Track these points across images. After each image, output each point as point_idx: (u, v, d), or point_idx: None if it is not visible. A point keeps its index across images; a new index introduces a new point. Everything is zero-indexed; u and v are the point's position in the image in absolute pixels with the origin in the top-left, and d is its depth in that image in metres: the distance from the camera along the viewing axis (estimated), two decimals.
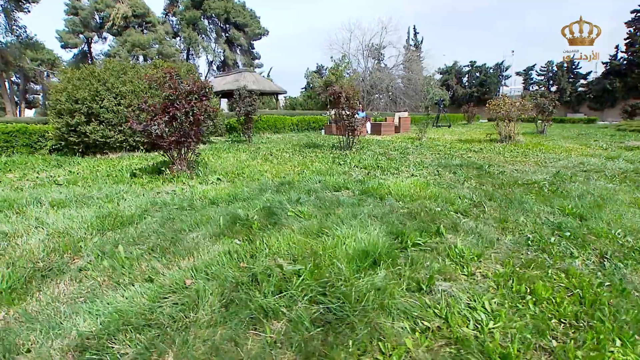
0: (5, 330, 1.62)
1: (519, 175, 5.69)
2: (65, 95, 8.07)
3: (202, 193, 4.19)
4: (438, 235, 2.92)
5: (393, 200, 3.85)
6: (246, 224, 3.01)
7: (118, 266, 2.25)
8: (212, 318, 1.68)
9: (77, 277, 2.16)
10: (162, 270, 2.20)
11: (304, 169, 5.94)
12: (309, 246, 2.50)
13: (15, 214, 3.47)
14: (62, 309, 1.81)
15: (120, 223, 3.11)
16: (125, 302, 1.80)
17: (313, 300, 1.83)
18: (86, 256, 2.45)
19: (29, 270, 2.17)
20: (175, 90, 5.01)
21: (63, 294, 1.97)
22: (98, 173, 5.97)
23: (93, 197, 4.10)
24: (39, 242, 2.65)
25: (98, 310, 1.74)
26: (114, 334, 1.54)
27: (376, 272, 2.15)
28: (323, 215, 3.33)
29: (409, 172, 5.72)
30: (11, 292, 1.95)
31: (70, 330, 1.61)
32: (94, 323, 1.65)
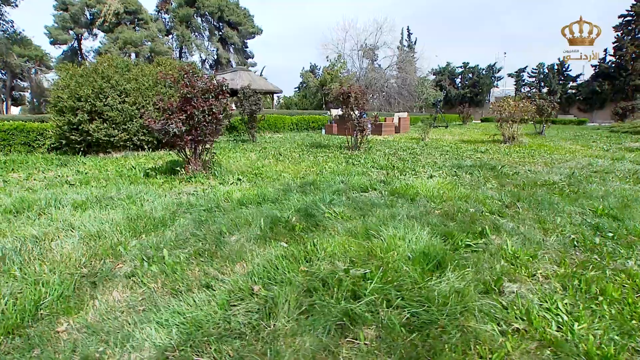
0: (74, 342, 1.50)
1: (534, 176, 5.72)
2: (68, 92, 7.81)
3: (226, 194, 4.07)
4: (483, 236, 2.88)
5: (425, 201, 3.81)
6: (287, 226, 2.92)
7: (168, 272, 2.14)
8: (293, 326, 1.59)
9: (127, 283, 2.05)
10: (218, 276, 2.10)
11: (320, 170, 5.86)
12: (364, 248, 2.43)
13: (38, 216, 3.30)
14: (124, 319, 1.70)
15: (152, 225, 2.99)
16: (193, 310, 1.70)
17: (393, 304, 1.76)
18: (129, 261, 2.33)
19: (76, 277, 2.04)
20: (193, 88, 4.87)
21: (119, 301, 1.86)
22: (108, 173, 5.78)
23: (113, 198, 3.95)
24: (75, 246, 2.51)
25: (167, 320, 1.64)
26: (197, 346, 1.45)
27: (444, 274, 2.09)
28: (360, 216, 3.27)
29: (426, 173, 5.69)
30: (64, 301, 1.83)
31: (144, 342, 1.50)
32: (168, 334, 1.54)
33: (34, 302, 1.76)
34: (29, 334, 1.57)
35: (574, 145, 10.54)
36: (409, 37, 44.50)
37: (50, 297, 1.82)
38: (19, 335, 1.56)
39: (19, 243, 2.57)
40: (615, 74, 32.19)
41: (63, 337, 1.55)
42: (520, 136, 10.35)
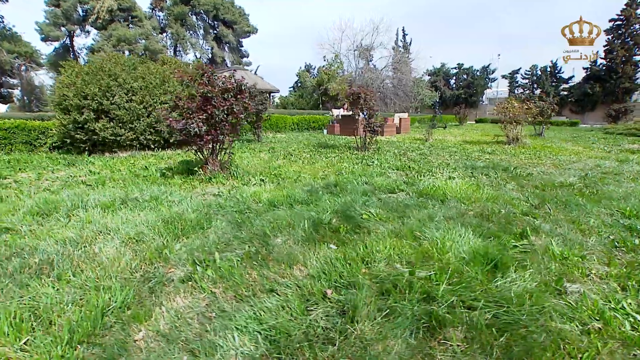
0: (156, 351, 1.45)
1: (548, 177, 5.77)
2: (74, 90, 7.63)
3: (253, 195, 4.01)
4: (524, 237, 2.89)
5: (455, 203, 3.82)
6: (329, 228, 2.89)
7: (226, 276, 2.09)
8: (379, 329, 1.57)
9: (186, 288, 1.99)
10: (278, 279, 2.06)
11: (337, 170, 5.83)
12: (417, 250, 2.42)
13: (67, 218, 3.21)
14: (198, 326, 1.65)
15: (190, 228, 2.92)
16: (272, 316, 1.66)
17: (468, 305, 1.75)
18: (180, 265, 2.27)
19: (134, 283, 1.98)
20: (214, 88, 4.79)
21: (185, 307, 1.80)
22: (121, 173, 5.66)
23: (138, 199, 3.86)
24: (119, 249, 2.44)
25: (246, 327, 1.59)
26: (291, 354, 1.41)
27: (506, 274, 2.09)
28: (397, 217, 3.25)
29: (443, 174, 5.71)
30: (129, 307, 1.77)
31: (229, 350, 1.45)
32: (254, 341, 1.50)
33: (99, 309, 1.70)
34: (104, 343, 1.51)
35: (575, 146, 10.70)
36: (404, 38, 44.75)
37: (115, 304, 1.76)
38: (95, 344, 1.50)
39: (59, 247, 2.49)
40: (606, 76, 32.86)
41: (141, 346, 1.50)
42: (524, 137, 10.47)
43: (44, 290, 1.87)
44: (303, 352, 1.41)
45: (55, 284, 1.95)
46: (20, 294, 1.86)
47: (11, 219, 3.07)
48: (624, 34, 31.94)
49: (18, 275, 2.08)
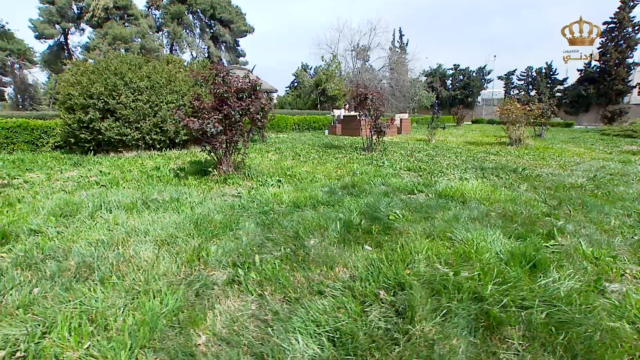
0: (222, 357, 1.44)
1: (557, 178, 5.84)
2: (79, 89, 7.53)
3: (274, 196, 4.00)
4: (550, 237, 2.93)
5: (475, 204, 3.84)
6: (361, 229, 2.89)
7: (270, 277, 2.08)
8: (438, 329, 1.58)
9: (233, 291, 1.98)
10: (323, 281, 2.05)
11: (350, 171, 5.84)
12: (453, 251, 2.44)
13: (92, 220, 3.17)
14: (257, 329, 1.64)
15: (220, 229, 2.90)
16: (328, 318, 1.66)
17: (520, 305, 1.78)
18: (220, 268, 2.26)
19: (181, 286, 1.96)
20: (230, 88, 4.77)
21: (237, 310, 1.79)
22: (132, 173, 5.60)
23: (158, 200, 3.83)
24: (154, 252, 2.42)
25: (306, 329, 1.59)
26: (360, 355, 1.41)
27: (547, 274, 2.12)
28: (423, 218, 3.27)
29: (455, 175, 5.75)
30: (181, 311, 1.75)
31: (296, 353, 1.45)
32: (318, 344, 1.50)
33: (154, 313, 1.68)
34: (166, 347, 1.49)
35: (576, 148, 10.84)
36: (401, 39, 44.95)
37: (167, 308, 1.74)
38: (157, 349, 1.49)
39: (92, 249, 2.46)
40: (600, 78, 33.37)
41: (205, 350, 1.49)
42: (526, 139, 10.59)
43: (92, 294, 1.85)
44: (372, 354, 1.42)
45: (100, 288, 1.92)
46: (67, 298, 1.83)
47: (36, 221, 3.02)
48: (617, 37, 32.46)
49: (58, 279, 2.05)
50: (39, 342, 1.48)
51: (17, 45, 34.32)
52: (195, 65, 9.74)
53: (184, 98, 8.57)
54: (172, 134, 8.43)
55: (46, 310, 1.70)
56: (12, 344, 1.48)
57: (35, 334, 1.53)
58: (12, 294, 1.88)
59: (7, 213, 3.38)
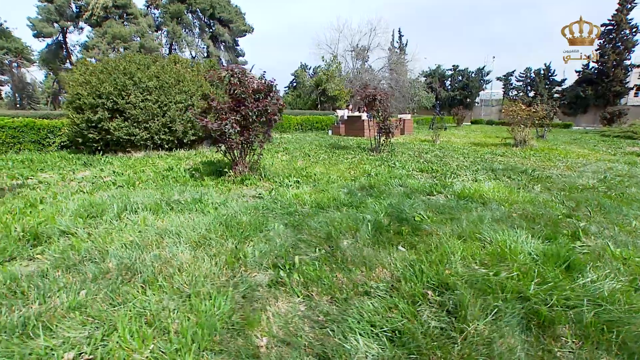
0: (287, 358, 1.45)
1: (567, 179, 5.88)
2: (88, 89, 7.50)
3: (295, 197, 4.01)
4: (576, 238, 2.97)
5: (496, 205, 3.88)
6: (392, 230, 2.91)
7: (314, 278, 2.10)
8: (491, 327, 1.61)
9: (279, 293, 1.99)
10: (367, 282, 2.07)
11: (364, 172, 5.86)
12: (487, 251, 2.46)
13: (118, 221, 3.17)
14: (310, 330, 1.66)
15: (251, 230, 2.91)
16: (382, 318, 1.68)
17: (565, 304, 1.82)
18: (261, 269, 2.27)
19: (228, 289, 1.97)
20: (247, 89, 4.77)
21: (287, 312, 1.81)
22: (145, 174, 5.59)
23: (180, 201, 3.83)
24: (192, 254, 2.42)
25: (364, 329, 1.61)
26: (424, 354, 1.43)
27: (583, 274, 2.16)
28: (448, 219, 3.30)
29: (467, 176, 5.79)
30: (233, 313, 1.76)
31: (358, 354, 1.47)
32: (377, 343, 1.52)
33: (210, 316, 1.69)
34: (229, 350, 1.50)
35: (580, 149, 10.94)
36: (400, 39, 45.07)
37: (220, 311, 1.75)
38: (220, 352, 1.50)
39: (129, 251, 2.46)
40: (597, 80, 33.66)
41: (266, 352, 1.50)
42: (531, 140, 10.67)
43: (142, 297, 1.85)
44: (434, 352, 1.44)
45: (147, 290, 1.93)
46: (117, 300, 1.84)
47: (64, 222, 3.01)
48: (615, 39, 32.76)
49: (102, 281, 2.06)
50: (103, 344, 1.49)
51: (15, 43, 34.05)
52: (202, 66, 9.70)
53: (193, 98, 8.55)
54: (180, 134, 8.42)
55: (100, 313, 1.71)
56: (75, 346, 1.48)
57: (96, 336, 1.54)
58: (59, 297, 1.88)
59: (32, 214, 3.37)
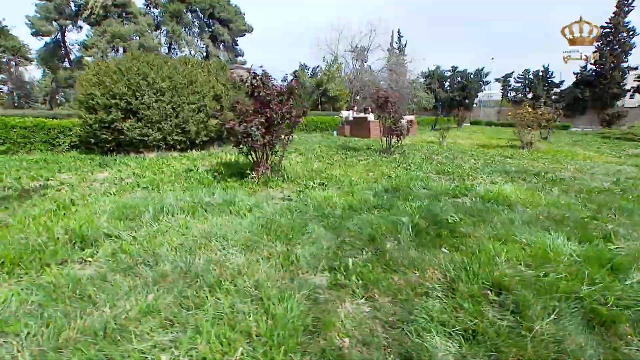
0: (372, 359, 1.50)
1: (580, 182, 5.97)
2: (102, 89, 7.49)
3: (325, 199, 4.05)
4: (607, 240, 3.05)
5: (521, 208, 3.95)
6: (431, 232, 2.98)
7: (372, 280, 2.15)
8: (557, 326, 1.68)
9: (342, 295, 2.04)
10: (423, 283, 2.14)
11: (383, 174, 5.91)
12: (529, 253, 2.54)
13: (156, 223, 3.19)
14: (382, 330, 1.71)
15: (293, 232, 2.95)
16: (448, 317, 1.74)
17: (617, 304, 1.89)
18: (318, 272, 2.31)
19: (292, 292, 2.01)
20: (272, 91, 4.81)
21: (356, 313, 1.86)
22: (165, 175, 5.60)
23: (212, 203, 3.86)
24: (247, 257, 2.46)
25: (436, 328, 1.67)
26: (500, 351, 1.50)
27: (629, 275, 2.23)
28: (480, 221, 3.36)
29: (483, 178, 5.86)
30: (306, 316, 1.81)
31: (438, 352, 1.53)
32: (454, 342, 1.58)
33: (284, 319, 1.73)
34: (312, 352, 1.55)
35: (585, 151, 11.09)
36: (399, 40, 45.23)
37: (293, 313, 1.79)
38: (304, 353, 1.54)
39: (181, 254, 2.50)
40: (595, 81, 33.98)
41: (348, 353, 1.55)
42: (537, 142, 10.79)
43: (213, 300, 1.89)
44: (510, 350, 1.50)
45: (215, 294, 1.96)
46: (186, 304, 1.88)
47: (106, 225, 3.04)
48: (613, 41, 33.11)
49: (164, 284, 2.09)
50: (192, 347, 1.53)
51: (12, 42, 33.75)
52: (212, 66, 9.71)
53: (205, 99, 8.57)
54: (193, 135, 8.43)
55: (177, 317, 1.74)
56: (165, 349, 1.52)
57: (181, 339, 1.58)
58: (128, 300, 1.91)
59: (67, 216, 3.39)
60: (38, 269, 2.33)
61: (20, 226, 3.11)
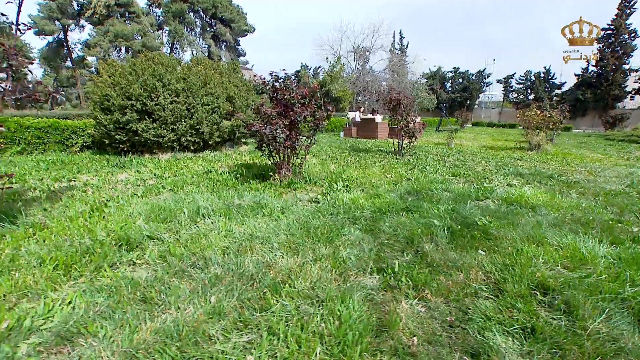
0: (440, 356, 1.57)
1: (595, 185, 6.04)
2: (118, 90, 7.54)
3: (352, 202, 4.12)
4: (636, 242, 3.12)
5: (545, 210, 4.03)
6: (466, 235, 3.05)
7: (422, 280, 2.22)
8: (610, 326, 1.75)
9: (396, 295, 2.11)
10: (469, 283, 2.21)
11: (401, 176, 5.98)
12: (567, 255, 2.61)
13: (194, 225, 3.26)
14: (441, 328, 1.78)
15: (334, 235, 3.01)
16: (503, 316, 1.82)
17: None
18: (367, 274, 2.38)
19: (350, 293, 2.08)
20: (297, 95, 4.88)
21: (412, 313, 1.93)
22: (185, 176, 5.66)
23: (242, 205, 3.92)
24: (295, 260, 2.53)
25: (495, 327, 1.74)
26: (562, 348, 1.58)
27: None
28: (509, 224, 3.43)
29: (499, 181, 5.93)
30: (368, 317, 1.88)
31: (500, 349, 1.60)
32: (516, 340, 1.65)
33: (350, 320, 1.80)
34: (385, 351, 1.62)
35: (592, 153, 11.18)
36: (401, 41, 45.36)
37: (357, 314, 1.86)
38: (376, 352, 1.61)
39: (225, 256, 2.56)
40: (597, 83, 34.18)
41: (418, 351, 1.62)
42: (545, 144, 10.89)
43: (278, 303, 1.96)
44: (571, 348, 1.58)
45: (276, 296, 2.03)
46: (252, 305, 1.94)
47: (147, 227, 3.10)
48: (614, 43, 33.30)
49: (221, 287, 2.15)
50: (271, 348, 1.59)
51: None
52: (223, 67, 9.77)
53: (219, 100, 8.62)
54: (207, 136, 8.48)
55: (247, 319, 1.81)
56: (247, 350, 1.58)
57: (258, 341, 1.64)
58: (190, 302, 1.97)
59: (105, 218, 3.45)
60: (92, 271, 2.38)
61: (60, 228, 3.17)
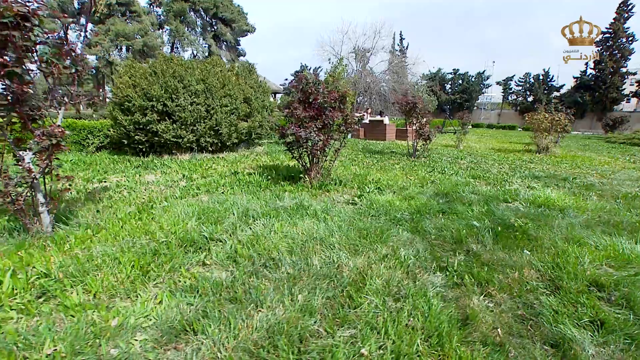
0: (525, 353, 1.72)
1: (609, 187, 6.23)
2: (138, 91, 7.62)
3: (388, 203, 4.25)
4: None
5: (573, 212, 4.19)
6: (510, 235, 3.20)
7: (485, 279, 2.37)
8: None
9: (464, 292, 2.25)
10: (526, 281, 2.36)
11: (423, 178, 6.13)
12: (610, 255, 2.77)
13: (248, 227, 3.37)
14: (517, 323, 1.93)
15: (386, 236, 3.14)
16: (571, 311, 1.97)
17: None
18: (430, 272, 2.52)
19: (428, 290, 2.22)
20: (330, 98, 5.00)
21: (483, 309, 2.07)
22: (214, 178, 5.76)
23: (285, 206, 4.04)
24: (361, 260, 2.66)
25: (566, 319, 1.89)
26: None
27: None
28: (544, 225, 3.59)
29: (518, 183, 6.10)
30: (446, 312, 2.01)
31: (577, 339, 1.74)
32: (589, 332, 1.81)
33: (433, 315, 1.93)
34: (477, 341, 1.76)
35: (599, 156, 11.42)
36: (401, 42, 45.62)
37: (438, 309, 2.00)
38: (469, 342, 1.75)
39: (292, 257, 2.68)
40: (595, 86, 34.65)
41: (503, 341, 1.76)
42: (554, 147, 11.11)
43: (366, 301, 2.09)
44: None
45: (360, 293, 2.16)
46: (342, 303, 2.07)
47: (205, 229, 3.20)
48: (612, 46, 33.77)
49: (299, 285, 2.27)
50: (377, 342, 1.72)
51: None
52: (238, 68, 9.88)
53: (236, 102, 8.72)
54: (225, 137, 8.58)
55: (344, 316, 1.94)
56: (354, 344, 1.72)
57: (362, 336, 1.77)
58: (278, 301, 2.09)
59: (153, 219, 3.55)
60: (167, 272, 2.48)
61: (115, 229, 3.26)
